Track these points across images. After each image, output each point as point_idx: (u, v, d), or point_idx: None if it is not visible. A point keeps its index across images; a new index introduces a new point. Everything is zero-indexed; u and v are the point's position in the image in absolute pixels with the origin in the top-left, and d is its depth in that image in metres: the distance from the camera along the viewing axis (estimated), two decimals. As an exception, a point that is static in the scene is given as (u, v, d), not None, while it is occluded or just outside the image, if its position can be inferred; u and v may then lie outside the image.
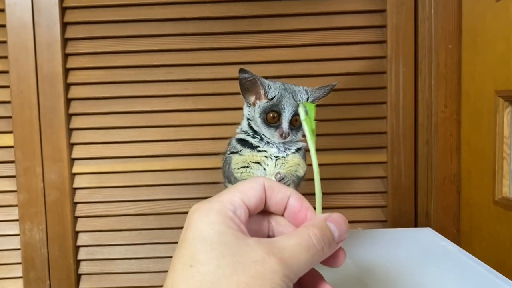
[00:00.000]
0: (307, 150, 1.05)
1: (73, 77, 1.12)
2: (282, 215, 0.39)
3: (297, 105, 0.61)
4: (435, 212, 1.11)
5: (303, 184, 0.67)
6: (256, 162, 0.62)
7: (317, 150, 1.12)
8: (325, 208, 1.22)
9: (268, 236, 0.39)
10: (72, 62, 1.11)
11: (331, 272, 0.63)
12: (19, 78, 1.10)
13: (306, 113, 0.39)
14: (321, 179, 0.39)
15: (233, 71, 1.09)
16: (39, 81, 1.10)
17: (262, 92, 0.61)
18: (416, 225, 1.13)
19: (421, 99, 1.10)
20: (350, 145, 1.11)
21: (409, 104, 1.10)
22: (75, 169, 1.13)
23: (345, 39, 1.10)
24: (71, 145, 1.13)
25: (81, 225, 1.14)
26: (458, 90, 1.08)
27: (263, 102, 0.62)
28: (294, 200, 0.38)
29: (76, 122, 1.13)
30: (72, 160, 1.13)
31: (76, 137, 1.13)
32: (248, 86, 0.63)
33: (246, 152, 0.63)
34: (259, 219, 0.38)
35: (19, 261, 1.14)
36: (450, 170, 1.10)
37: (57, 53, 1.10)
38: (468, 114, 1.05)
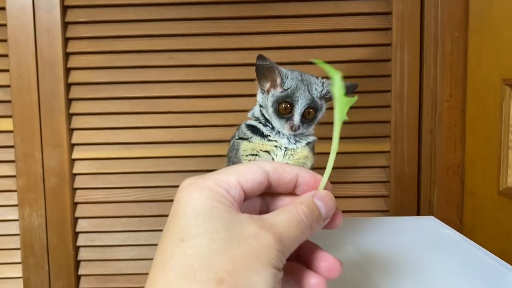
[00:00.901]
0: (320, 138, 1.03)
1: (73, 61, 1.10)
2: (290, 194, 0.38)
3: (312, 98, 0.60)
4: (438, 202, 1.09)
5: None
6: (265, 151, 0.61)
7: (320, 138, 1.10)
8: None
9: None
10: (72, 47, 1.10)
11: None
12: (18, 62, 1.08)
13: (344, 94, 0.38)
14: (324, 168, 0.38)
15: (236, 57, 1.09)
16: (38, 65, 1.09)
17: (278, 80, 0.60)
18: (418, 215, 1.11)
19: (425, 88, 1.08)
20: (353, 134, 1.10)
21: (414, 92, 1.08)
22: (75, 155, 1.12)
23: (349, 26, 1.08)
24: (71, 131, 1.12)
25: (80, 211, 1.13)
26: (464, 79, 1.06)
27: (277, 91, 0.60)
28: (305, 175, 0.37)
29: (76, 107, 1.11)
30: (72, 146, 1.12)
31: (76, 122, 1.12)
32: (264, 73, 0.61)
33: (256, 139, 0.62)
34: (255, 202, 0.37)
35: (18, 246, 1.13)
36: (454, 160, 1.08)
37: (57, 37, 1.08)
38: (474, 103, 1.04)
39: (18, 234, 1.13)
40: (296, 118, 0.59)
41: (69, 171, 1.11)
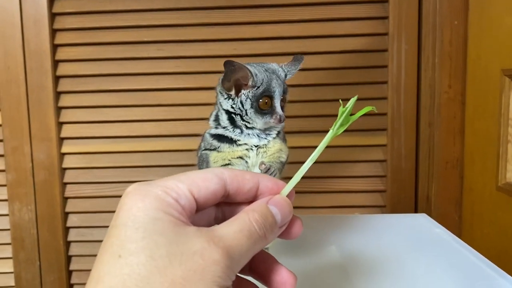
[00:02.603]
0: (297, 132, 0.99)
1: (61, 53, 1.08)
2: (251, 202, 0.34)
3: (283, 85, 0.57)
4: (436, 197, 1.06)
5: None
6: (237, 158, 0.58)
7: (313, 132, 1.06)
8: (322, 192, 1.16)
9: None
10: (60, 38, 1.08)
11: (309, 259, 0.60)
12: (5, 54, 1.06)
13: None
14: (319, 162, 0.35)
15: (227, 48, 1.06)
16: (26, 58, 1.07)
17: (250, 80, 0.56)
18: (416, 211, 1.08)
19: (424, 79, 1.04)
20: (348, 127, 1.06)
21: (411, 84, 1.04)
22: (64, 149, 1.10)
23: (344, 15, 1.04)
24: (59, 124, 1.10)
25: (70, 206, 1.12)
26: (464, 69, 1.02)
27: (251, 91, 0.57)
28: (267, 183, 0.34)
29: (64, 100, 1.09)
30: (61, 140, 1.10)
31: (65, 115, 1.10)
32: (229, 77, 0.57)
33: (225, 148, 0.58)
34: (209, 211, 0.34)
35: (9, 241, 1.12)
36: (453, 154, 1.04)
37: (44, 28, 1.06)
38: (473, 94, 0.99)
39: (8, 229, 1.12)
40: (279, 109, 0.57)
41: (59, 166, 1.09)
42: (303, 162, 0.36)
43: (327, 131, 0.95)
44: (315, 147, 0.36)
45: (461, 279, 0.54)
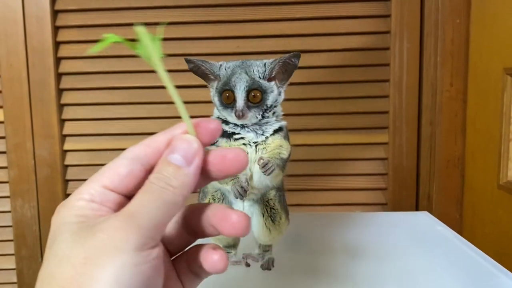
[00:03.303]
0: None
1: (64, 50, 1.08)
2: None
3: (251, 80, 0.56)
4: (437, 196, 1.06)
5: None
6: None
7: (315, 130, 1.06)
8: (323, 190, 1.16)
9: None
10: (63, 35, 1.08)
11: (310, 257, 0.60)
12: (8, 51, 1.07)
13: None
14: (320, 160, 0.34)
15: (229, 46, 1.06)
16: (28, 55, 1.07)
17: (211, 75, 0.57)
18: (417, 209, 1.08)
19: (425, 77, 1.04)
20: (350, 125, 1.06)
21: (413, 82, 1.05)
22: (66, 146, 1.10)
23: (346, 13, 1.04)
24: (62, 121, 1.10)
25: (73, 203, 1.12)
26: (465, 68, 1.02)
27: (216, 84, 0.58)
28: (177, 132, 0.34)
29: (67, 97, 1.09)
30: (63, 137, 1.10)
31: (67, 113, 1.10)
32: (200, 73, 0.59)
33: (223, 142, 0.58)
34: None
35: (11, 238, 1.13)
36: (454, 153, 1.05)
37: (46, 25, 1.06)
38: (475, 93, 1.00)
39: (10, 226, 1.12)
40: (239, 103, 0.56)
41: (61, 162, 1.10)
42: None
43: (329, 129, 0.97)
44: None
45: (463, 276, 0.54)
